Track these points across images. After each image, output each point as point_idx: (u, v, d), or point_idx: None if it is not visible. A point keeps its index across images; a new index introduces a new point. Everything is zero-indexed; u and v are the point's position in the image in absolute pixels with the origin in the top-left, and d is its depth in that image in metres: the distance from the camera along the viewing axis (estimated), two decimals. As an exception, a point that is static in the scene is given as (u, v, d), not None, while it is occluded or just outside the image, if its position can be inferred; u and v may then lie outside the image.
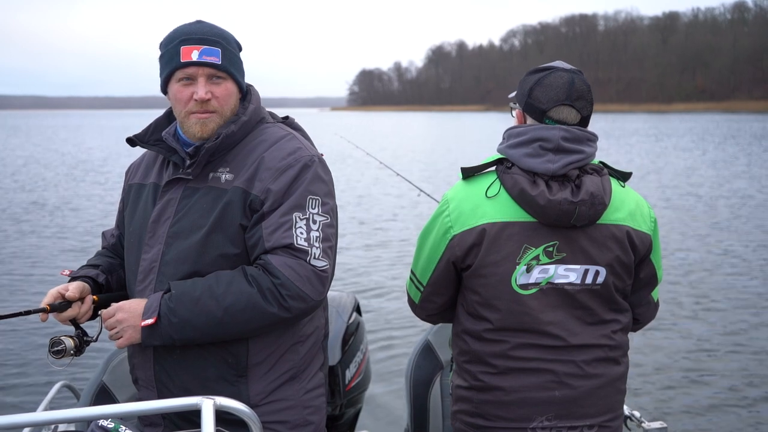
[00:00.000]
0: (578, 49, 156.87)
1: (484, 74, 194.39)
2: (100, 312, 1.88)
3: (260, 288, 1.74)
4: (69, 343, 1.83)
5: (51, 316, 1.86)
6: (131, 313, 1.79)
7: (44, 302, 1.85)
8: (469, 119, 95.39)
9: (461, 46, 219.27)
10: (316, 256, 1.78)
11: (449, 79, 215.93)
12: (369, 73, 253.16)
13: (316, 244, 1.79)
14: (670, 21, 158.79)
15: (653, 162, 24.66)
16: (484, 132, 52.47)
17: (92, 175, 21.86)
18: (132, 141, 2.00)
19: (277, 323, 1.79)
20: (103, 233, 2.21)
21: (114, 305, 1.83)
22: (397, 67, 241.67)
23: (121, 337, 1.80)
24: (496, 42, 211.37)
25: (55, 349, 1.82)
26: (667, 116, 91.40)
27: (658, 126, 58.17)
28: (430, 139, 43.59)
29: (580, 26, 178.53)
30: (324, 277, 1.79)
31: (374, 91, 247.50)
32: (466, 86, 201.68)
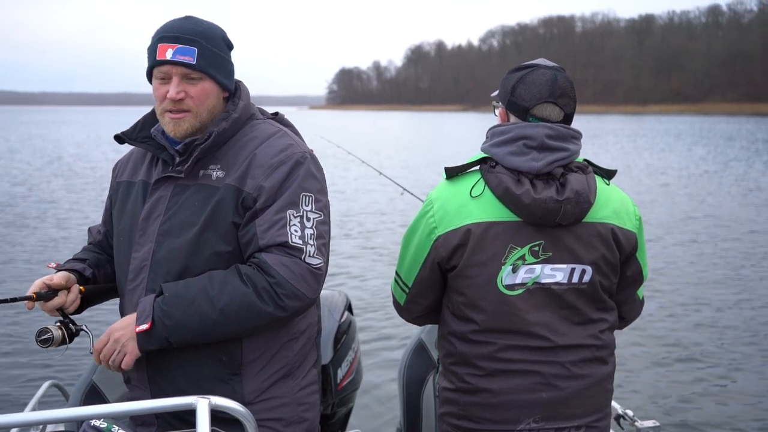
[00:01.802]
0: (556, 50, 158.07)
1: (463, 74, 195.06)
2: (91, 351, 1.83)
3: (255, 287, 1.72)
4: (56, 332, 1.81)
5: (37, 306, 1.83)
6: (124, 327, 1.77)
7: (30, 291, 1.82)
8: (448, 119, 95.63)
9: (440, 45, 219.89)
10: (311, 254, 1.77)
11: (428, 79, 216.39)
12: (348, 71, 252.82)
13: (311, 242, 1.78)
14: (645, 23, 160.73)
15: (624, 161, 25.06)
16: (463, 132, 52.66)
17: (64, 169, 21.53)
18: (120, 138, 1.97)
19: (273, 322, 1.77)
20: (89, 229, 2.19)
21: (106, 330, 1.79)
22: (377, 66, 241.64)
23: (125, 354, 1.76)
24: (475, 42, 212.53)
25: (42, 337, 1.79)
26: (643, 118, 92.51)
27: (634, 127, 58.83)
28: (411, 139, 43.60)
29: (558, 27, 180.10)
30: (319, 275, 1.78)
31: (353, 90, 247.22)
32: (445, 86, 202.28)
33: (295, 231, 1.76)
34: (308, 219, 1.79)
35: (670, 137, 42.30)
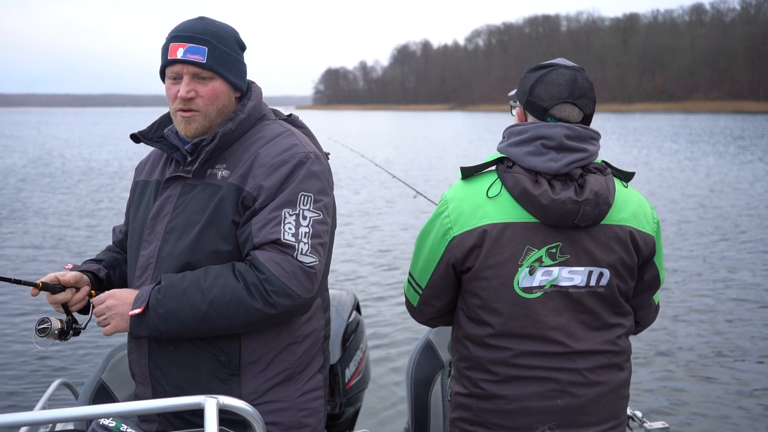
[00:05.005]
0: (542, 50, 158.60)
1: (449, 74, 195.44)
2: (91, 300, 1.89)
3: (246, 283, 1.72)
4: (55, 324, 1.85)
5: (45, 298, 1.87)
6: (121, 301, 1.80)
7: (40, 280, 1.86)
8: (434, 118, 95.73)
9: (426, 45, 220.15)
10: (304, 252, 1.75)
11: (414, 79, 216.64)
12: (334, 71, 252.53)
13: (305, 240, 1.76)
14: (630, 22, 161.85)
15: (613, 158, 25.42)
16: (452, 131, 52.74)
17: (54, 171, 21.39)
18: (136, 137, 2.01)
19: (265, 320, 1.76)
20: (113, 229, 2.24)
21: (106, 292, 1.84)
22: (363, 66, 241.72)
23: (108, 324, 1.80)
24: (461, 42, 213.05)
25: (41, 326, 1.84)
26: (628, 116, 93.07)
27: (614, 125, 59.20)
28: (403, 138, 43.59)
29: (543, 27, 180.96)
30: (312, 274, 1.76)
31: (340, 90, 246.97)
32: (431, 85, 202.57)
33: (289, 229, 1.76)
34: (305, 217, 1.78)
35: (658, 135, 42.75)
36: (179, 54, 1.81)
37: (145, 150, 2.12)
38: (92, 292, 1.93)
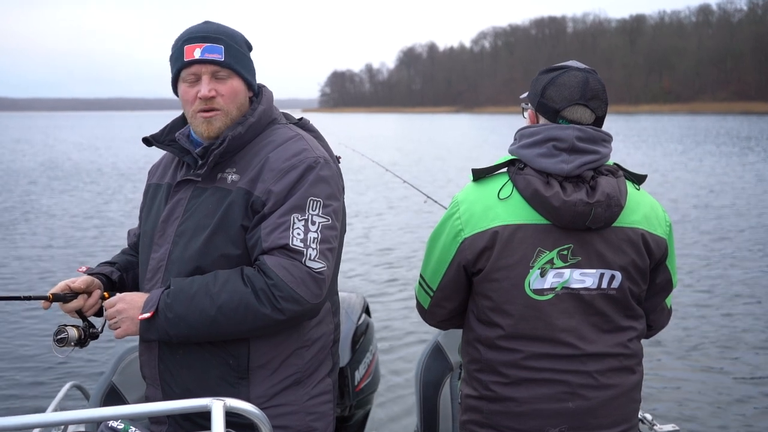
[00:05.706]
0: (548, 51, 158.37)
1: (455, 76, 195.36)
2: (103, 303, 1.90)
3: (254, 288, 1.73)
4: (72, 333, 1.87)
5: (59, 307, 1.88)
6: (131, 304, 1.81)
7: (50, 292, 1.88)
8: (441, 121, 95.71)
9: (432, 47, 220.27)
10: (312, 258, 1.75)
11: (420, 81, 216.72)
12: (341, 74, 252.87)
13: (313, 245, 1.76)
14: (636, 23, 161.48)
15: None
16: (459, 133, 52.69)
17: (61, 176, 21.50)
18: (148, 141, 2.02)
19: (273, 325, 1.76)
20: (128, 231, 2.24)
21: (117, 295, 1.86)
22: (369, 69, 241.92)
23: (119, 327, 1.82)
24: (467, 44, 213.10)
25: (59, 337, 1.85)
26: (635, 117, 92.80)
27: (620, 126, 59.04)
28: (410, 141, 43.60)
29: (550, 28, 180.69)
30: (320, 279, 1.76)
31: (346, 93, 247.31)
32: (438, 88, 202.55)
33: (298, 234, 1.76)
34: (313, 223, 1.78)
35: (658, 136, 42.68)
36: (197, 54, 1.82)
37: (153, 152, 2.12)
38: (105, 294, 1.94)
